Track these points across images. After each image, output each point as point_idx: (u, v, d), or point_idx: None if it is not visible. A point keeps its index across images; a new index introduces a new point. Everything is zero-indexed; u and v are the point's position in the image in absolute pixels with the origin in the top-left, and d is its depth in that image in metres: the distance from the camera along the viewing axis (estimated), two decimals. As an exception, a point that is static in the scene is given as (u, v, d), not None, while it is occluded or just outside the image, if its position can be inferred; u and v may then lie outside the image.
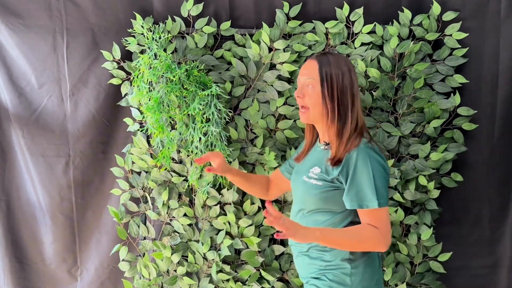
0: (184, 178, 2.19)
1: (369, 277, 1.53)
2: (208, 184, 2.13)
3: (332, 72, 1.51)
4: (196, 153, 2.09)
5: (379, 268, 1.59)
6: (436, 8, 2.09)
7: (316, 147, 1.63)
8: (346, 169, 1.47)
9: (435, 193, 2.11)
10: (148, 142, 2.20)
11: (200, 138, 2.06)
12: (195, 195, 2.22)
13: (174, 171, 2.20)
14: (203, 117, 2.04)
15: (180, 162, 2.20)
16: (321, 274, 1.55)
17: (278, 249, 2.17)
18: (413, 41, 2.10)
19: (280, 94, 2.12)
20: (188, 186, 2.19)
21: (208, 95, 2.01)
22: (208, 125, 2.04)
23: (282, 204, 2.16)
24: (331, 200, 1.52)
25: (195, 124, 2.06)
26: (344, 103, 1.51)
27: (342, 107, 1.51)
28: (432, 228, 2.12)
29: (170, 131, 2.13)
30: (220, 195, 2.17)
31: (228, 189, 2.16)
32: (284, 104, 2.12)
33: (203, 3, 2.13)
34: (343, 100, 1.51)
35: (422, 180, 2.08)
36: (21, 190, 2.31)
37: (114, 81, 2.18)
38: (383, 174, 1.46)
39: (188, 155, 2.15)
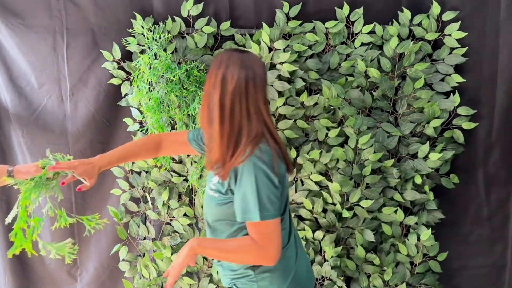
0: (184, 178, 2.19)
1: (279, 279, 1.49)
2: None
3: (213, 69, 1.42)
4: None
5: (295, 265, 1.53)
6: (435, 8, 2.09)
7: None
8: (234, 180, 1.40)
9: (431, 195, 2.11)
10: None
11: None
12: (195, 195, 2.22)
13: (174, 171, 2.20)
14: None
15: (180, 162, 2.20)
16: (233, 284, 1.53)
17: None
18: (413, 41, 2.10)
19: (280, 94, 2.12)
20: (188, 186, 2.19)
21: None
22: None
23: None
24: (227, 211, 1.46)
25: (195, 124, 2.06)
26: (221, 104, 1.39)
27: (211, 107, 1.41)
28: (431, 228, 2.12)
29: (170, 131, 2.13)
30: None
31: None
32: (284, 104, 2.11)
33: (203, 3, 2.13)
34: (215, 99, 1.39)
35: (418, 180, 2.08)
36: (21, 190, 2.31)
37: (114, 81, 2.18)
38: (269, 186, 1.37)
39: (188, 155, 2.15)
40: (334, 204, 2.12)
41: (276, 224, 1.40)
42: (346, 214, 2.09)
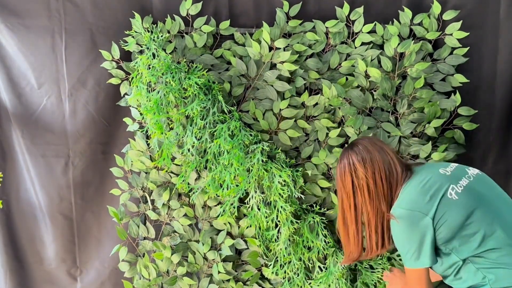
0: (183, 179, 2.18)
1: None
2: (198, 189, 2.12)
3: None
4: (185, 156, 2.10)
5: None
6: (436, 7, 2.08)
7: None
8: None
9: None
10: (147, 143, 2.19)
11: (193, 143, 2.05)
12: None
13: (172, 172, 2.19)
14: (202, 121, 2.03)
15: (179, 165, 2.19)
16: None
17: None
18: (413, 41, 2.09)
19: (280, 94, 2.11)
20: (188, 186, 2.18)
21: (209, 99, 2.01)
22: (204, 132, 2.03)
23: None
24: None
25: (192, 128, 2.04)
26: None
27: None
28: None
29: (168, 131, 2.11)
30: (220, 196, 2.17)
31: None
32: (287, 107, 2.11)
33: (202, 2, 2.12)
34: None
35: None
36: (21, 190, 2.31)
37: (113, 81, 2.18)
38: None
39: (182, 153, 2.13)
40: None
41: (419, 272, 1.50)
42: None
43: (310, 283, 2.09)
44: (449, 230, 1.42)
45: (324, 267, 2.10)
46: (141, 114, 2.15)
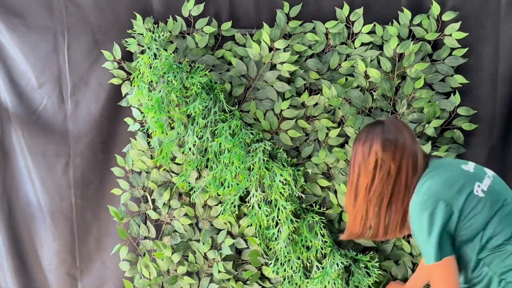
0: (184, 178, 2.19)
1: None
2: (198, 188, 2.13)
3: None
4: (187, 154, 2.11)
5: None
6: (435, 8, 2.09)
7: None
8: None
9: None
10: (148, 143, 2.20)
11: (195, 142, 2.06)
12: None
13: (173, 171, 2.20)
14: (204, 120, 2.04)
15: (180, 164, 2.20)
16: None
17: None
18: (413, 41, 2.10)
19: (280, 94, 2.12)
20: (188, 186, 2.19)
21: (211, 98, 2.02)
22: (205, 130, 2.04)
23: None
24: None
25: (194, 127, 2.05)
26: None
27: None
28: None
29: (169, 130, 2.12)
30: (220, 196, 2.17)
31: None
32: (288, 107, 2.12)
33: (203, 3, 2.14)
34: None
35: None
36: (21, 190, 2.31)
37: (115, 81, 2.19)
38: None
39: (183, 152, 2.14)
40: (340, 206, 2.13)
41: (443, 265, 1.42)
42: (346, 218, 2.11)
43: (308, 282, 2.10)
44: (476, 226, 1.41)
45: (322, 266, 2.11)
46: (142, 113, 2.16)
